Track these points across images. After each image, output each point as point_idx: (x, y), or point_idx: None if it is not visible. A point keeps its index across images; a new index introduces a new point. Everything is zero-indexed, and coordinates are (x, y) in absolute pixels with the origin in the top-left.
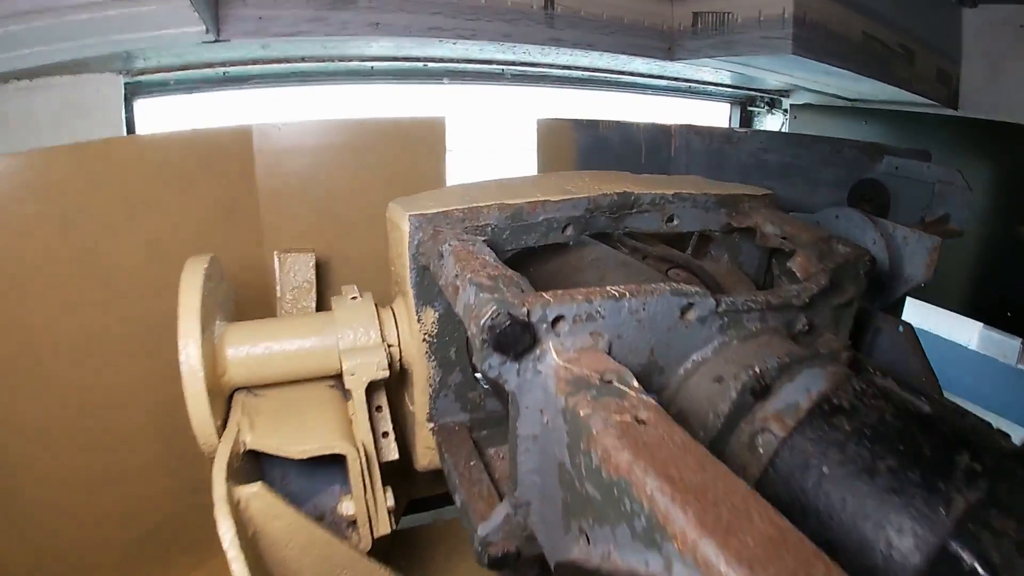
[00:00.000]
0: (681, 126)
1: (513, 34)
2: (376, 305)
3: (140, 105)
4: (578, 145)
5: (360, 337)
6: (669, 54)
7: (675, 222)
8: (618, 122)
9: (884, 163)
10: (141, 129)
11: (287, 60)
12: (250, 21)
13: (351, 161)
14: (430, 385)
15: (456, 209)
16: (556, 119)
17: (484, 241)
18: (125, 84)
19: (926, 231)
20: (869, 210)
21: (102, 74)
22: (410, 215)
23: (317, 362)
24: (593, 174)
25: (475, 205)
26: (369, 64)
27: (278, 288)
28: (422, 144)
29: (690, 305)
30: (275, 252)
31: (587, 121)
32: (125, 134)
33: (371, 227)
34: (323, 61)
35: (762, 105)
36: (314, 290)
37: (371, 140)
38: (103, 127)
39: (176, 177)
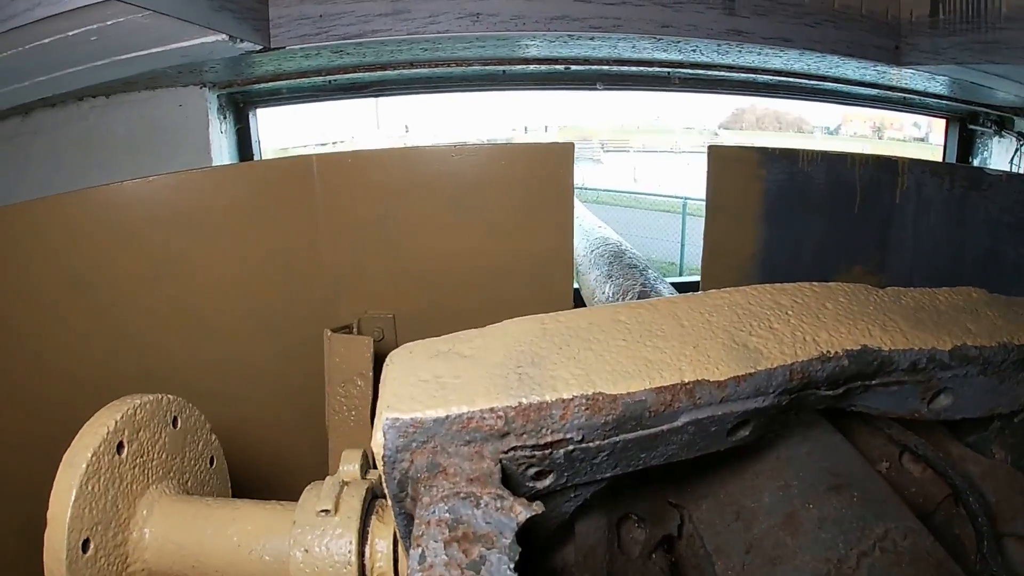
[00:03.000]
0: (912, 161)
1: (675, 24)
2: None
3: (262, 114)
4: (766, 183)
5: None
6: (895, 56)
7: (945, 402)
8: (825, 153)
9: None
10: (264, 136)
11: (392, 65)
12: (307, 23)
13: (447, 195)
14: None
15: (488, 412)
16: (736, 147)
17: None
18: (235, 94)
19: None
20: None
21: (185, 88)
22: (388, 420)
23: None
24: (787, 292)
25: (537, 400)
26: (500, 68)
27: (326, 378)
28: (543, 173)
29: None
30: (326, 330)
31: (780, 151)
32: (216, 149)
33: (471, 283)
34: (439, 65)
35: (988, 125)
36: (369, 390)
37: (476, 170)
38: (185, 144)
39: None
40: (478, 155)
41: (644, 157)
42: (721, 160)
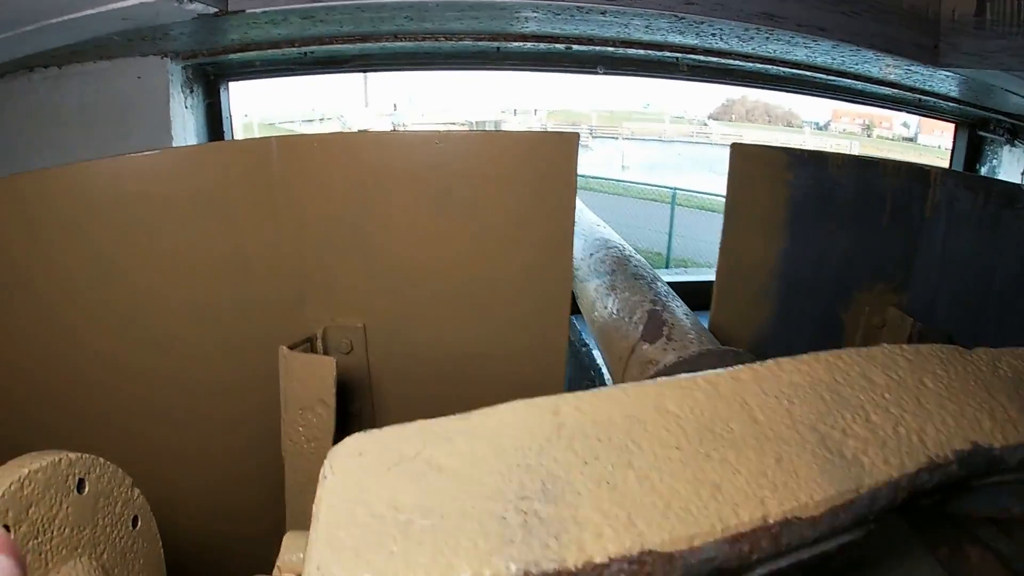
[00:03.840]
0: (944, 172)
1: (701, 1)
2: None
3: (237, 87)
4: (792, 188)
5: None
6: (933, 56)
7: None
8: (857, 159)
9: None
10: (248, 109)
11: (375, 37)
12: None
13: (429, 189)
14: None
15: None
16: (762, 147)
17: None
18: (204, 65)
19: None
20: None
21: (144, 58)
22: None
23: None
24: (878, 362)
25: (553, 568)
26: (495, 45)
27: (282, 402)
28: (543, 167)
29: None
30: (281, 347)
31: (809, 153)
32: (179, 125)
33: (454, 289)
34: (427, 38)
35: (1000, 133)
36: (331, 418)
37: (464, 160)
38: (143, 120)
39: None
40: (467, 143)
41: (633, 145)
42: (745, 160)
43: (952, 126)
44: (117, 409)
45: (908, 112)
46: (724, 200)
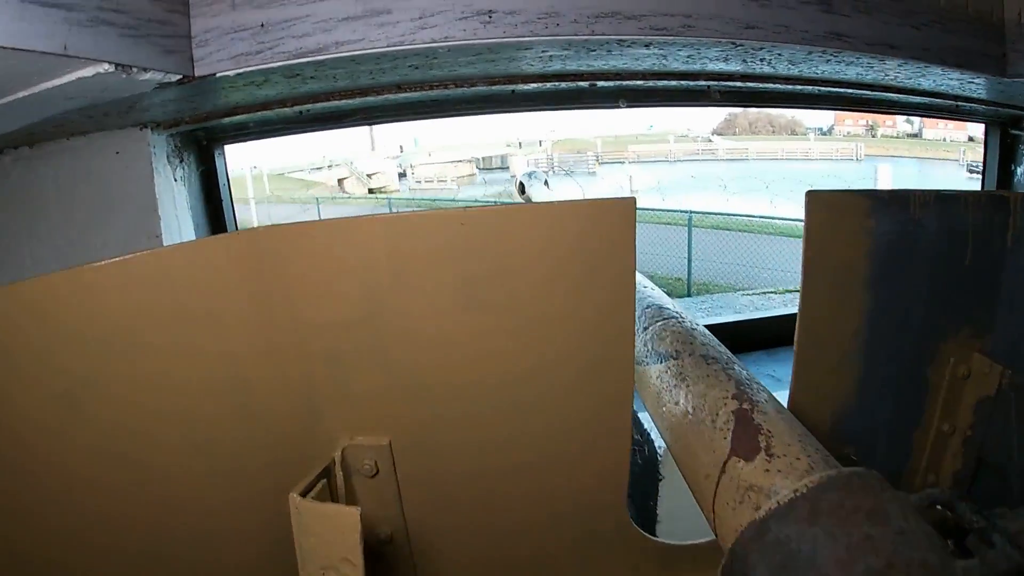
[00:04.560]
0: (1022, 197)
1: (762, 24)
2: None
3: (232, 150)
4: (875, 238)
5: None
6: (1001, 66)
7: None
8: (938, 195)
9: None
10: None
11: (376, 90)
12: (244, 36)
13: (455, 278)
14: None
15: None
16: (839, 192)
17: None
18: (195, 132)
19: None
20: None
21: (122, 131)
22: None
23: None
24: None
25: None
26: (509, 88)
27: (299, 561)
28: (592, 243)
29: None
30: (292, 495)
31: (890, 195)
32: (166, 201)
33: (492, 394)
34: (435, 87)
35: None
36: None
37: (495, 241)
38: (126, 199)
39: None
40: (497, 220)
41: (640, 168)
42: (822, 209)
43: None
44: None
45: (940, 118)
46: (802, 256)
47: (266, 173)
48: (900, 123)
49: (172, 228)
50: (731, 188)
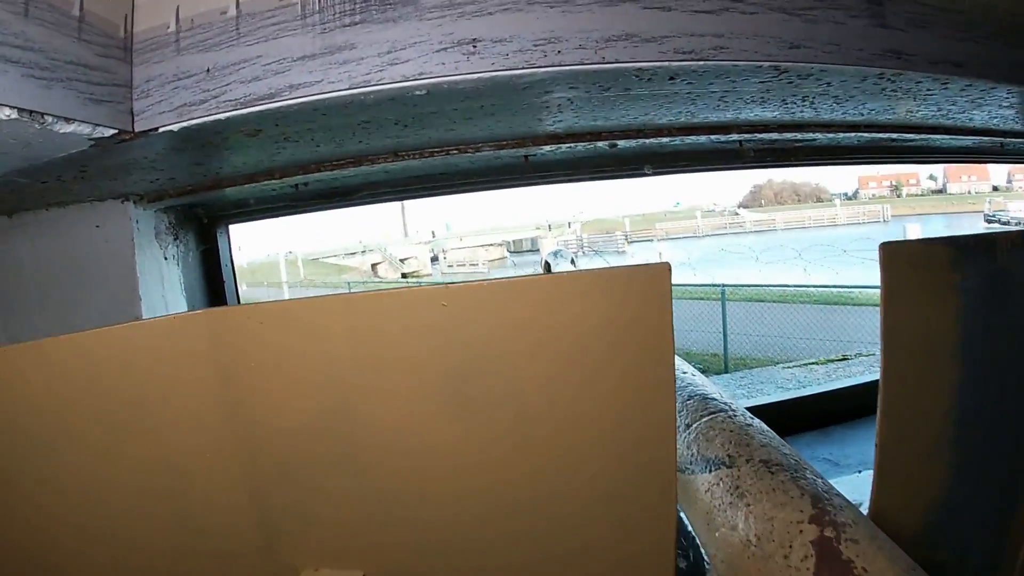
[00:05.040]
0: None
1: (810, 42)
2: None
3: (263, 233)
4: (962, 294)
5: None
6: None
7: None
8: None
9: None
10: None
11: (370, 158)
12: (187, 84)
13: (439, 372)
14: None
15: None
16: (918, 243)
17: None
18: (194, 207)
19: None
20: None
21: (102, 203)
22: None
23: None
24: None
25: None
26: (521, 152)
27: None
28: (621, 316)
29: None
30: None
31: (975, 240)
32: (151, 281)
33: (489, 516)
34: (435, 153)
35: None
36: None
37: (488, 323)
38: (105, 278)
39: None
40: (492, 296)
41: (668, 244)
42: (901, 264)
43: (985, 169)
44: None
45: (984, 161)
46: (881, 323)
47: (300, 257)
48: (923, 180)
49: (158, 309)
50: (762, 258)
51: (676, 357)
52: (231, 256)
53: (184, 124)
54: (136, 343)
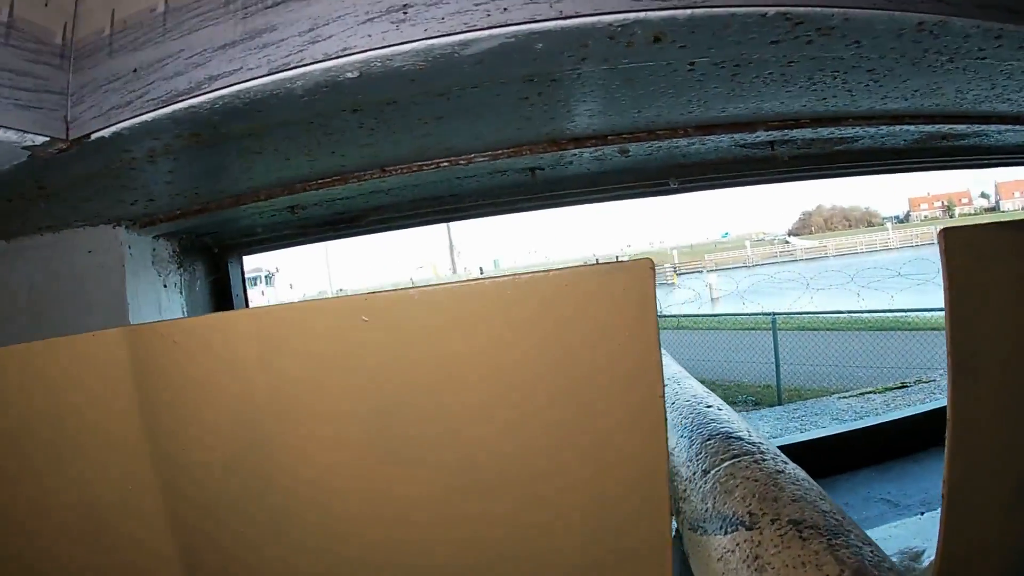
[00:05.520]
0: None
1: None
2: None
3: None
4: None
5: None
6: None
7: None
8: None
9: None
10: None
11: (359, 175)
12: (116, 86)
13: (382, 392)
14: None
15: None
16: (989, 227)
17: None
18: (202, 236)
19: None
20: None
21: (95, 228)
22: None
23: None
24: None
25: None
26: (521, 164)
27: None
28: (597, 330)
29: None
30: None
31: None
32: (145, 310)
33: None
34: (426, 167)
35: None
36: None
37: (440, 332)
38: (96, 306)
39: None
40: (436, 299)
41: (718, 276)
42: (971, 256)
43: None
44: None
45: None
46: (947, 332)
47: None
48: (975, 199)
49: None
50: (812, 285)
51: (702, 388)
52: (244, 285)
53: (113, 129)
54: (52, 360)
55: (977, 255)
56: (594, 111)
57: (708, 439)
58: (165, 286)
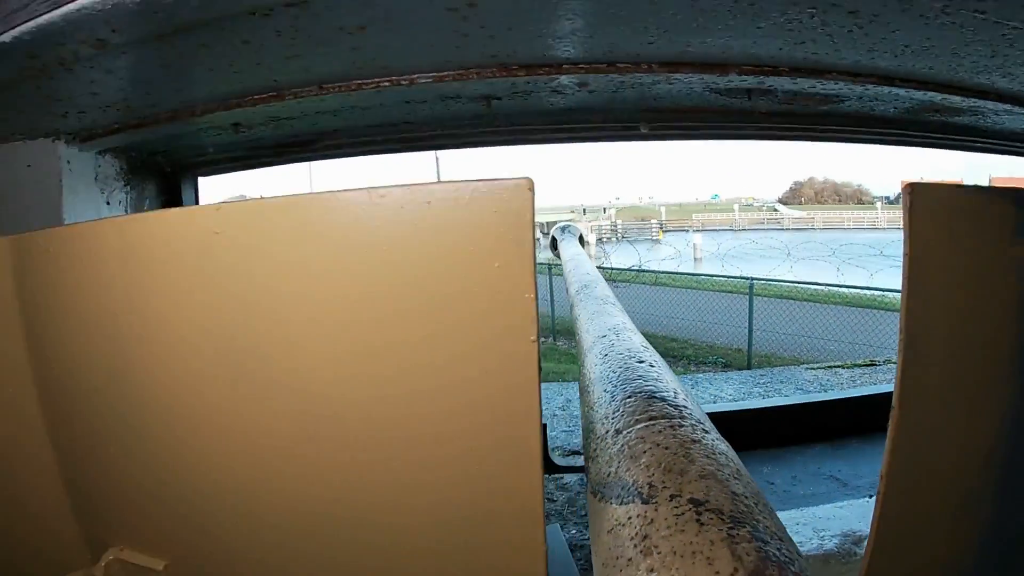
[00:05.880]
0: None
1: None
2: None
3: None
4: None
5: None
6: None
7: None
8: None
9: None
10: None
11: (295, 90)
12: None
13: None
14: None
15: None
16: (962, 188)
17: None
18: (155, 156)
19: None
20: None
21: (34, 141)
22: None
23: None
24: None
25: None
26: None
27: None
28: (482, 232)
29: None
30: None
31: None
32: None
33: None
34: (372, 84)
35: None
36: None
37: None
38: (34, 219)
39: None
40: (293, 210)
41: (704, 236)
42: (938, 218)
43: None
44: None
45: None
46: (902, 301)
47: None
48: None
49: None
50: (795, 254)
51: (641, 343)
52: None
53: (13, 33)
54: None
55: (941, 214)
56: (537, 31)
57: (629, 396)
58: (108, 203)
